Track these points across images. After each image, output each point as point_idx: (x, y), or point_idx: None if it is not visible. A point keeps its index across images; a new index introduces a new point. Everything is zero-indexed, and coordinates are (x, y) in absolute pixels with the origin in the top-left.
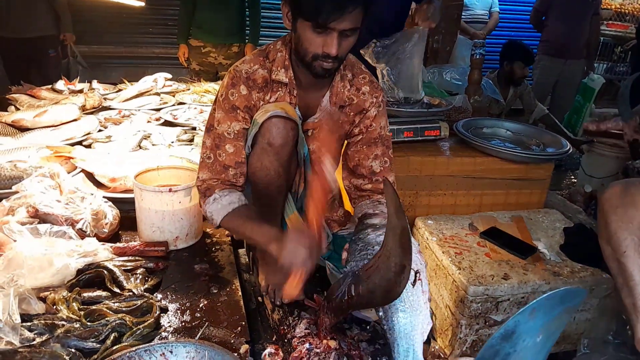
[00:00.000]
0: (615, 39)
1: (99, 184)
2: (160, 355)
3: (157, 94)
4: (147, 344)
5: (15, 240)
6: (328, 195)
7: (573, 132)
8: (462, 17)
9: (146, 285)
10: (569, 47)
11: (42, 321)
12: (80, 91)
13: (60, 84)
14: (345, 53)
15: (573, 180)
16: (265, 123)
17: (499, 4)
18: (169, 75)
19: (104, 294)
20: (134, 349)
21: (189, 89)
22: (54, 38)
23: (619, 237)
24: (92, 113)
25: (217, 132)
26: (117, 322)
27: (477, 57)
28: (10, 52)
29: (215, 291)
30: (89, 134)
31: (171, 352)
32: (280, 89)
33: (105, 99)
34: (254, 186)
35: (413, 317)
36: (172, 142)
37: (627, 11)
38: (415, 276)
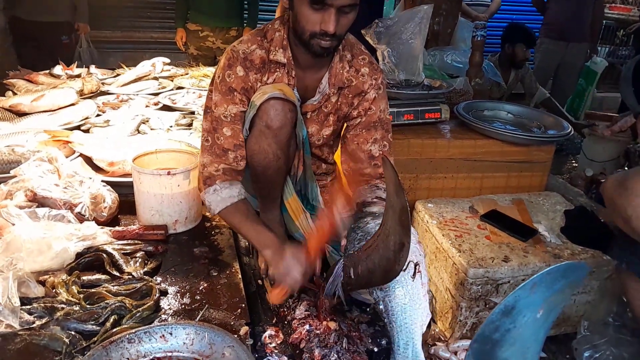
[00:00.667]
0: (618, 22)
1: (97, 169)
2: (160, 337)
3: (156, 78)
4: (147, 326)
5: (13, 224)
6: (333, 233)
7: (575, 117)
8: None
9: (146, 269)
10: (571, 29)
11: (42, 304)
12: (78, 76)
13: (58, 69)
14: (344, 31)
15: (574, 164)
16: (263, 105)
17: None
18: (167, 60)
19: (104, 277)
20: (134, 330)
21: (187, 74)
22: (68, 25)
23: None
24: (90, 98)
25: (215, 115)
26: (116, 304)
27: (479, 39)
28: (23, 34)
29: (215, 274)
30: (87, 118)
31: (171, 333)
32: (278, 69)
33: (103, 83)
34: (252, 170)
35: (413, 310)
36: (171, 127)
37: None
38: (415, 268)
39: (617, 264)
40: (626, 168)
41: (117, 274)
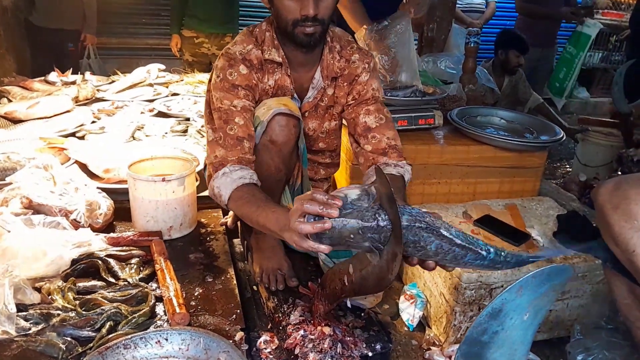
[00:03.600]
0: (611, 27)
1: (92, 175)
2: (156, 342)
3: (151, 85)
4: (143, 332)
5: (9, 231)
6: None
7: (562, 90)
8: (459, 5)
9: (141, 275)
10: (544, 35)
11: (38, 311)
12: (73, 82)
13: (53, 76)
14: (327, 14)
15: (568, 169)
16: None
17: None
18: (163, 66)
19: (99, 283)
20: (130, 336)
21: (182, 80)
22: (76, 33)
23: (625, 236)
24: (85, 104)
25: (223, 109)
26: (112, 311)
27: (472, 45)
28: (37, 40)
29: (210, 280)
30: (82, 125)
31: (166, 339)
32: (276, 69)
33: (98, 90)
34: None
35: None
36: (166, 133)
37: (622, 0)
38: None
39: (602, 263)
40: (619, 173)
41: (113, 280)
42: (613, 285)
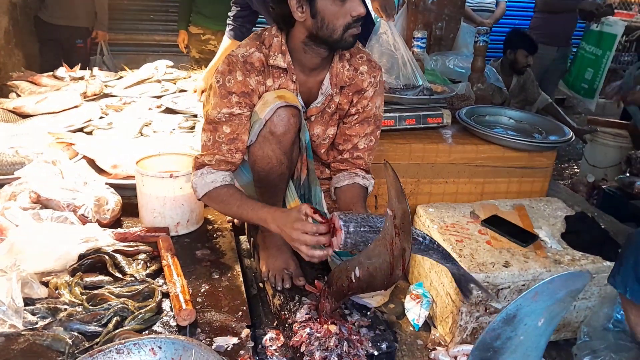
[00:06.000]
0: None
1: (100, 171)
2: (150, 350)
3: (158, 81)
4: (137, 338)
5: (17, 225)
6: None
7: (591, 91)
8: (469, 4)
9: (148, 271)
10: (560, 34)
11: (45, 305)
12: (81, 78)
13: (62, 71)
14: None
15: (576, 170)
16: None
17: None
18: (170, 63)
19: (106, 278)
20: (123, 341)
21: (190, 76)
22: (86, 30)
23: None
24: (93, 100)
25: (213, 118)
26: (119, 306)
27: (481, 44)
28: (45, 36)
29: (217, 276)
30: (90, 121)
31: (160, 347)
32: (282, 75)
33: (106, 86)
34: (255, 174)
35: None
36: (174, 130)
37: (632, 0)
38: None
39: (620, 292)
40: (627, 174)
41: (120, 275)
42: (630, 313)
